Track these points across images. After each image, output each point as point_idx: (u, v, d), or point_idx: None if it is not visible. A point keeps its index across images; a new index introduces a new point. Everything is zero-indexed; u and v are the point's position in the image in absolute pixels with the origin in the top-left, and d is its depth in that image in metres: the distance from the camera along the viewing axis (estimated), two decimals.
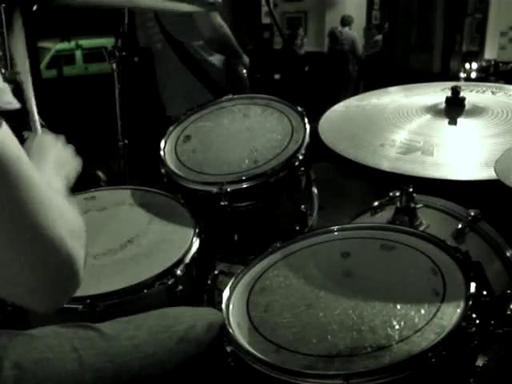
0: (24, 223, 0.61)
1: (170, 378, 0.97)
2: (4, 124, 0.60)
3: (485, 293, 0.99)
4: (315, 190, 1.64)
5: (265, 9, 8.26)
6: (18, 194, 0.60)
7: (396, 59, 7.32)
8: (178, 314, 1.06)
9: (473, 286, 0.97)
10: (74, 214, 0.73)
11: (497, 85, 1.51)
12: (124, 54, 1.92)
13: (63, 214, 0.68)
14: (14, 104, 0.59)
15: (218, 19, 2.22)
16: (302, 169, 1.46)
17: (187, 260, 1.25)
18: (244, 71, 2.46)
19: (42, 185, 0.65)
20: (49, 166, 0.90)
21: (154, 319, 1.04)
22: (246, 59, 2.49)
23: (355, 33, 7.86)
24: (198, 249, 1.29)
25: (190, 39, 2.29)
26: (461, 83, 1.39)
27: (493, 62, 5.90)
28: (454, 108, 1.31)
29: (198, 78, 2.34)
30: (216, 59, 2.38)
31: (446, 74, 6.35)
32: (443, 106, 1.33)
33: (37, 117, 1.06)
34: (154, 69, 2.52)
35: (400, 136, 1.26)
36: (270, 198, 1.45)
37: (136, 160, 2.19)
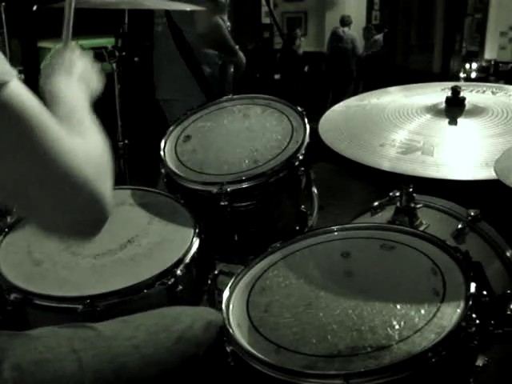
0: (48, 170, 0.64)
1: (169, 378, 0.97)
2: (16, 76, 0.61)
3: (485, 293, 0.99)
4: (315, 190, 1.64)
5: (265, 9, 8.26)
6: (37, 143, 0.62)
7: (396, 59, 7.32)
8: (177, 314, 1.06)
9: (473, 286, 0.97)
10: (97, 146, 0.75)
11: (497, 85, 1.52)
12: (124, 53, 1.91)
13: (87, 154, 0.69)
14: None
15: (215, 19, 2.20)
16: (302, 169, 1.46)
17: (187, 260, 1.25)
18: (232, 70, 2.44)
19: (62, 131, 0.66)
20: (74, 79, 0.93)
21: (152, 319, 1.04)
22: (242, 57, 2.47)
23: (355, 32, 7.87)
24: (198, 249, 1.29)
25: (190, 29, 2.27)
26: (461, 83, 1.39)
27: (493, 62, 5.90)
28: (454, 108, 1.31)
29: (189, 68, 2.34)
30: (212, 53, 2.37)
31: (445, 74, 6.34)
32: (443, 106, 1.33)
33: (71, 28, 1.07)
34: (152, 68, 2.52)
35: (400, 136, 1.26)
36: (270, 198, 1.45)
37: (136, 160, 2.19)
